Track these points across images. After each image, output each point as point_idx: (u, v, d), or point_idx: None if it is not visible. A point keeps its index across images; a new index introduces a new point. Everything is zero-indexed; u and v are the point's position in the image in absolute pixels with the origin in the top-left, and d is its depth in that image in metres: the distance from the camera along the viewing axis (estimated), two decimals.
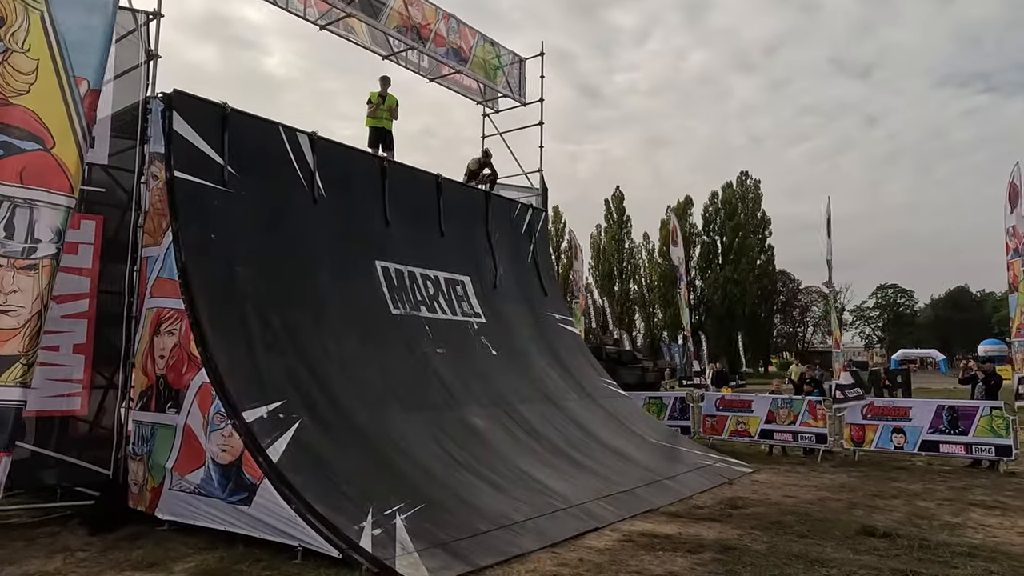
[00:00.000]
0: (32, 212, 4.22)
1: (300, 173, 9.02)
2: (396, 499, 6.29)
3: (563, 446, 9.32)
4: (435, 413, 8.44)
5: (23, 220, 4.16)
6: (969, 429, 10.52)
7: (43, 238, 4.21)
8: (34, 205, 4.25)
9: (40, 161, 4.25)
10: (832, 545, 6.29)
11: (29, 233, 4.16)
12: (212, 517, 6.19)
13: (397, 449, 7.34)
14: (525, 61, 14.55)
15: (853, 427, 11.49)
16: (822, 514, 7.56)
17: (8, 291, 4.02)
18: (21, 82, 4.31)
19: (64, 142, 4.40)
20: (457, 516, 6.43)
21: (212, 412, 6.45)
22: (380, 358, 8.64)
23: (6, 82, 4.24)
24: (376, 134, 10.81)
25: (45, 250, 4.18)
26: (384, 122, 10.84)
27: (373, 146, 10.77)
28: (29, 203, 4.21)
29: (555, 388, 10.98)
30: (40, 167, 4.24)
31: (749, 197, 61.33)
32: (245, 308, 7.48)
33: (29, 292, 4.05)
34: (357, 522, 5.73)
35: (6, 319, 3.98)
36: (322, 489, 6.05)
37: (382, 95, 10.82)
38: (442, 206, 11.13)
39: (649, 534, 6.69)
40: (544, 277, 13.13)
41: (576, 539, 6.50)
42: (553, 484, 7.93)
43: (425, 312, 9.91)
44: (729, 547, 6.21)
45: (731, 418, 12.69)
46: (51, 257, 4.21)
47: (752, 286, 58.57)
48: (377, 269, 9.59)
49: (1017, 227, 10.22)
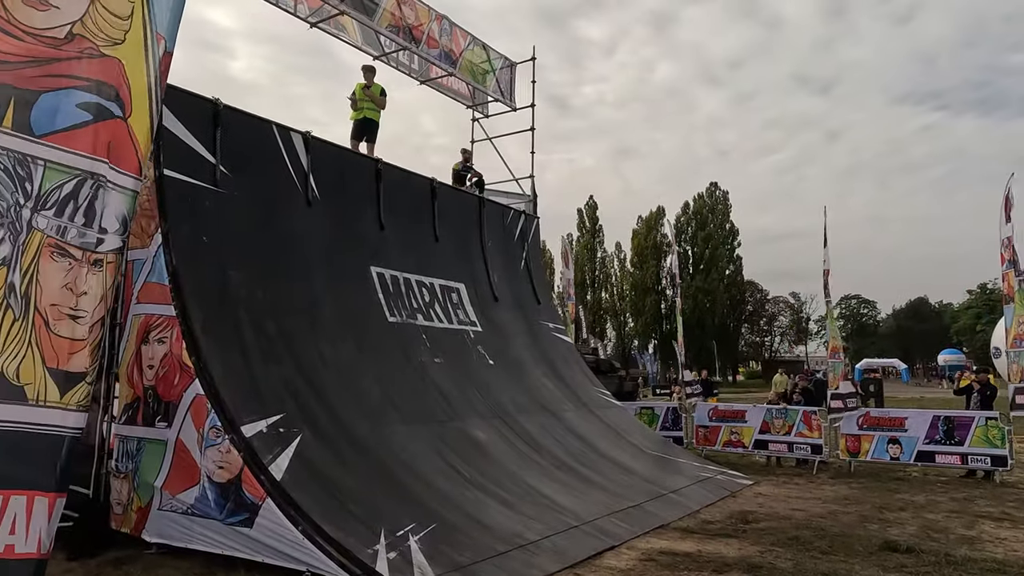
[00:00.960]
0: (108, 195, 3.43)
1: (294, 174, 8.60)
2: (407, 519, 5.92)
3: (565, 458, 9.03)
4: (436, 425, 8.08)
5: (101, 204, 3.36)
6: (965, 439, 10.52)
7: (109, 228, 3.44)
8: (115, 186, 3.43)
9: (118, 132, 3.44)
10: (859, 562, 6.11)
11: (100, 220, 3.41)
12: (208, 540, 5.74)
13: (401, 464, 6.97)
14: (516, 66, 14.31)
15: (849, 438, 11.44)
16: (837, 529, 7.40)
17: (80, 292, 3.24)
18: (116, 29, 3.44)
19: (140, 111, 3.48)
20: (471, 536, 6.09)
21: (207, 426, 6.00)
22: (377, 367, 8.25)
23: (99, 28, 3.38)
24: (359, 126, 10.44)
25: (111, 243, 3.42)
26: (367, 112, 10.48)
27: (357, 138, 10.39)
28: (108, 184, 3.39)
29: (552, 398, 10.70)
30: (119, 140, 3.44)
31: (718, 208, 62.13)
32: (239, 314, 7.04)
33: (95, 294, 3.32)
34: (370, 545, 5.35)
35: (77, 327, 3.20)
36: (329, 509, 5.66)
37: (366, 86, 10.47)
38: (436, 210, 10.80)
39: (669, 552, 6.43)
40: (537, 285, 12.87)
41: (594, 559, 6.21)
42: (561, 499, 7.64)
43: (422, 320, 9.55)
44: (755, 565, 5.99)
45: (724, 428, 12.55)
46: (116, 253, 3.44)
47: (722, 296, 59.22)
48: (372, 275, 9.20)
49: (1012, 239, 10.30)
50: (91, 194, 3.28)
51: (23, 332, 3.03)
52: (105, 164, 3.31)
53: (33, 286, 3.08)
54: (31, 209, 3.09)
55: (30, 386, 3.00)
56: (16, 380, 2.97)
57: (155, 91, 3.54)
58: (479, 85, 13.61)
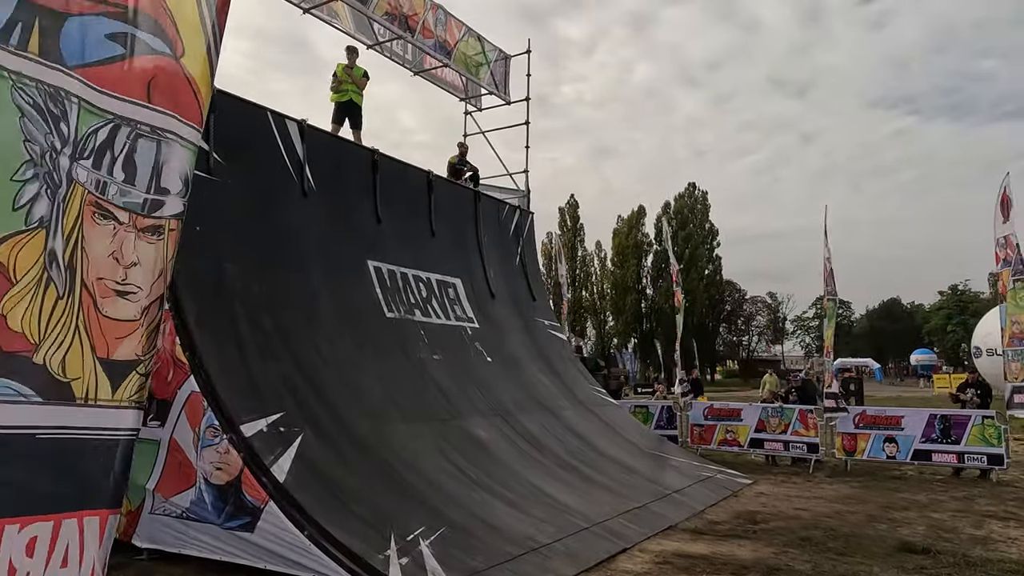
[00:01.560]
0: (159, 147, 2.73)
1: (289, 163, 8.27)
2: (416, 522, 5.66)
3: (567, 457, 8.83)
4: (438, 423, 7.82)
5: (146, 157, 2.68)
6: (961, 438, 10.53)
7: (171, 188, 2.78)
8: (163, 137, 2.72)
9: (170, 72, 2.77)
10: (877, 564, 5.99)
11: (154, 179, 2.72)
12: (205, 545, 5.43)
13: (405, 464, 6.70)
14: (511, 58, 14.06)
15: (845, 436, 11.40)
16: (847, 529, 7.29)
17: (128, 263, 2.60)
18: None
19: (194, 51, 2.81)
20: (482, 539, 5.85)
21: (204, 425, 5.68)
22: (377, 364, 7.97)
23: None
24: (341, 109, 10.11)
25: (172, 207, 2.79)
26: (351, 95, 10.15)
27: (338, 122, 10.05)
28: (156, 133, 2.70)
29: (549, 396, 10.49)
30: (170, 82, 2.77)
31: (697, 208, 62.48)
32: (235, 308, 6.72)
33: (151, 267, 2.69)
34: (381, 550, 5.09)
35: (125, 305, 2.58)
36: (336, 512, 5.38)
37: (349, 67, 10.14)
38: (433, 204, 10.52)
39: (683, 555, 6.25)
40: (532, 281, 12.65)
41: (608, 562, 6.01)
42: (567, 499, 7.43)
43: (419, 316, 9.28)
44: (773, 568, 5.83)
45: (719, 427, 12.45)
46: (178, 218, 2.82)
47: (701, 296, 59.54)
48: (369, 269, 8.91)
49: (1009, 238, 10.30)
50: (128, 144, 2.65)
51: (69, 314, 2.42)
52: (147, 109, 2.71)
53: (79, 254, 2.48)
54: (70, 157, 2.47)
55: (78, 382, 2.44)
56: (62, 375, 2.40)
57: (209, 28, 2.89)
58: (473, 77, 13.33)
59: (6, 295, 2.23)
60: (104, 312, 2.55)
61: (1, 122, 2.22)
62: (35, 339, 2.31)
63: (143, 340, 2.69)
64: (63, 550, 2.37)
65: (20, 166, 2.28)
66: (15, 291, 2.25)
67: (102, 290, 2.55)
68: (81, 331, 2.47)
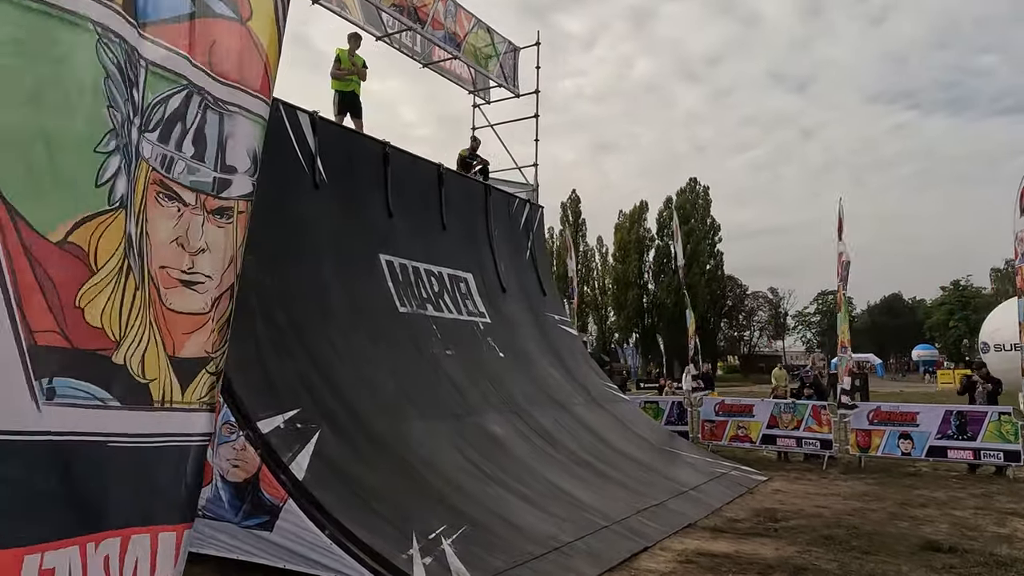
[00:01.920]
0: (223, 120, 2.39)
1: (300, 154, 8.14)
2: (437, 520, 5.56)
3: (581, 454, 8.73)
4: (453, 420, 7.71)
5: (213, 131, 2.36)
6: (977, 435, 10.43)
7: (239, 166, 2.46)
8: (226, 110, 2.39)
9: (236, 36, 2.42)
10: (904, 563, 5.89)
11: (220, 155, 2.39)
12: (222, 544, 5.33)
13: (422, 461, 6.59)
14: (520, 50, 13.91)
15: (859, 432, 11.29)
16: (869, 527, 7.19)
17: (195, 249, 2.31)
18: None
19: (262, 13, 2.49)
20: (503, 538, 5.75)
21: (220, 422, 5.55)
22: (391, 360, 7.85)
23: None
24: (344, 99, 9.95)
25: (241, 186, 2.46)
26: (354, 85, 10.00)
27: (341, 112, 9.90)
28: (220, 105, 2.37)
29: (561, 392, 10.38)
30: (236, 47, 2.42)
31: (699, 203, 62.30)
32: (250, 302, 6.58)
33: (220, 254, 2.40)
34: (403, 549, 4.99)
35: (192, 296, 2.30)
36: (356, 510, 5.28)
37: (351, 52, 9.99)
38: (443, 197, 10.39)
39: (706, 553, 6.15)
40: (542, 276, 12.53)
41: (630, 561, 5.91)
42: (583, 496, 7.33)
43: (431, 311, 9.16)
44: (799, 568, 5.73)
45: (731, 423, 12.35)
46: (247, 199, 2.50)
47: (703, 291, 59.40)
48: (381, 263, 8.78)
49: None
50: (199, 116, 2.33)
51: (143, 306, 2.14)
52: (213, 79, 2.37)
53: (144, 241, 2.18)
54: (138, 129, 2.15)
55: (155, 383, 2.17)
56: (142, 375, 2.13)
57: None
58: (482, 69, 13.18)
59: (85, 285, 1.93)
60: (169, 304, 2.29)
61: (86, 82, 1.91)
62: (116, 336, 2.04)
63: (214, 335, 2.43)
64: (131, 569, 2.12)
65: (104, 136, 1.97)
66: (96, 280, 1.96)
67: (166, 280, 2.28)
68: (153, 326, 2.21)
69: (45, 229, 1.83)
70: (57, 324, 1.86)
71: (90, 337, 1.96)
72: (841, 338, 11.90)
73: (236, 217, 2.50)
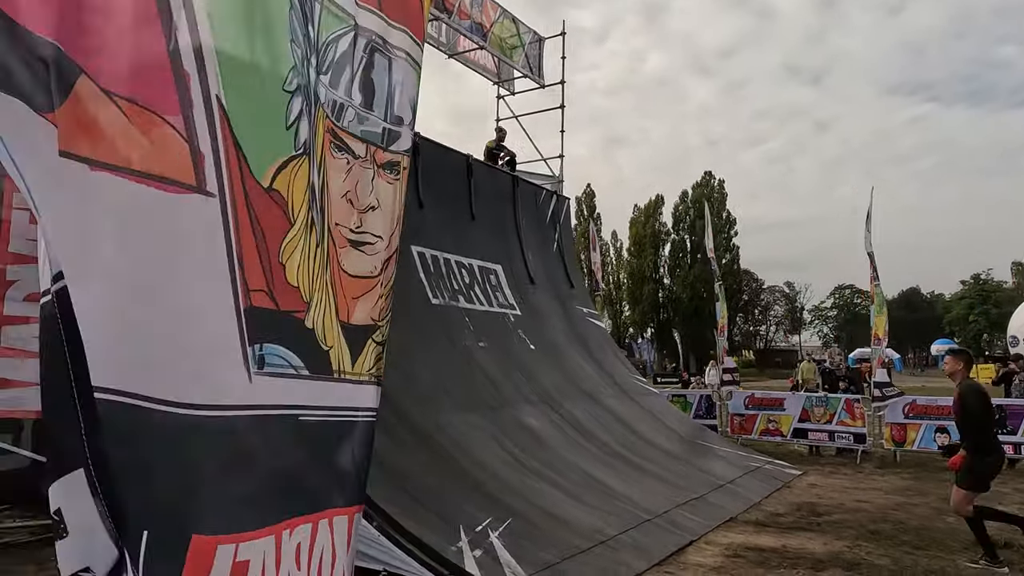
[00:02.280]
0: (391, 66, 2.18)
1: None
2: (483, 513, 5.48)
3: (615, 446, 8.62)
4: (488, 411, 7.63)
5: (382, 78, 2.15)
6: (1018, 428, 10.21)
7: (404, 116, 2.24)
8: (395, 55, 2.19)
9: None
10: (960, 557, 5.75)
11: (389, 104, 2.18)
12: None
13: (464, 453, 6.52)
14: (544, 40, 13.76)
15: (894, 427, 11.10)
16: (915, 522, 7.05)
17: (364, 206, 2.09)
18: None
19: None
20: (549, 531, 5.66)
21: None
22: (425, 351, 7.77)
23: None
24: None
25: (406, 140, 2.26)
26: None
27: None
28: (389, 49, 2.17)
29: (592, 384, 10.27)
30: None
31: (714, 197, 61.81)
32: None
33: (389, 212, 2.21)
34: (452, 542, 4.91)
35: (360, 258, 2.09)
36: (402, 502, 5.20)
37: None
38: (472, 188, 10.29)
39: (753, 548, 6.03)
40: (569, 268, 12.41)
41: (678, 555, 5.81)
42: (622, 489, 7.23)
43: (463, 303, 9.07)
44: (851, 563, 5.61)
45: (761, 416, 12.19)
46: (408, 155, 2.30)
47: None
48: (413, 254, 8.70)
49: None
50: (366, 60, 2.10)
51: (322, 266, 1.91)
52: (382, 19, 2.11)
53: (325, 193, 1.96)
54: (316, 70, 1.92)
55: (333, 351, 1.95)
56: (324, 342, 1.91)
57: None
58: (507, 60, 13.05)
59: (286, 238, 1.69)
60: (342, 266, 2.06)
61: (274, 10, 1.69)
62: (307, 297, 1.81)
63: (381, 301, 2.20)
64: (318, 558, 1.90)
65: (288, 73, 1.74)
66: (292, 234, 1.73)
67: (339, 239, 2.05)
68: (330, 290, 1.98)
69: (260, 172, 1.60)
70: (267, 283, 1.63)
71: (288, 297, 1.75)
72: (875, 330, 11.70)
73: (402, 172, 2.31)
